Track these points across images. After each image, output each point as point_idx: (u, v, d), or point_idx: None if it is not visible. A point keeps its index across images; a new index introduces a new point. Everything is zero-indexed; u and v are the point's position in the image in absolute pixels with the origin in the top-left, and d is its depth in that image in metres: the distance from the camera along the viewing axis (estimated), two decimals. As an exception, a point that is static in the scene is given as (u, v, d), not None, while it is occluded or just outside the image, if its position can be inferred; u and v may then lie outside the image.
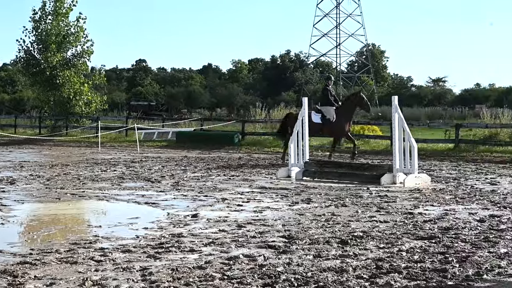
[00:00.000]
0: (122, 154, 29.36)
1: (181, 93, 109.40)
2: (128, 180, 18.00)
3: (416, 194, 14.85)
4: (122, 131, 39.93)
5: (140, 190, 15.69)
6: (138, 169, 21.40)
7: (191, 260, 8.35)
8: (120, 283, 7.20)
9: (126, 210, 12.74)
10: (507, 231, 10.28)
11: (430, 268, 7.82)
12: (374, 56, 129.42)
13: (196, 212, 12.23)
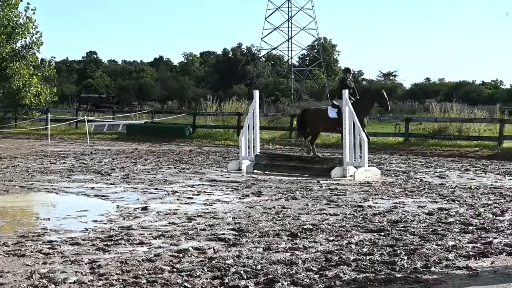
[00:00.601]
0: (72, 146, 29.13)
1: (132, 86, 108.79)
2: (77, 172, 17.85)
3: (366, 187, 14.94)
4: (72, 123, 39.62)
5: (89, 183, 15.57)
6: (88, 161, 21.24)
7: (140, 253, 8.29)
8: (68, 276, 7.12)
9: (75, 203, 12.62)
10: (455, 224, 10.38)
11: (379, 260, 7.86)
12: (325, 50, 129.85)
13: (146, 204, 12.16)
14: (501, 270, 7.53)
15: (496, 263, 7.87)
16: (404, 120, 30.76)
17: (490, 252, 8.36)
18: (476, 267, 7.64)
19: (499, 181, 16.68)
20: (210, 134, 34.89)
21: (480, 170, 19.54)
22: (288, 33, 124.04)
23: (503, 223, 10.46)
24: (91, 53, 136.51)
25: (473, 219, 10.86)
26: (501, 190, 14.61)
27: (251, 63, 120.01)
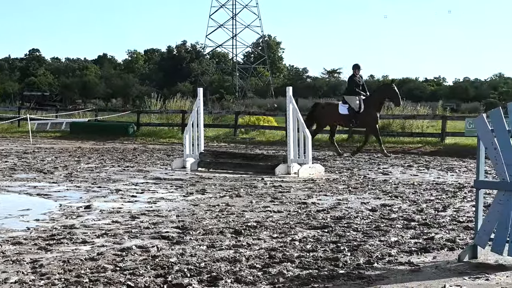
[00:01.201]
0: (14, 145, 28.78)
1: (76, 84, 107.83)
2: (19, 171, 17.64)
3: (310, 184, 15.01)
4: (14, 121, 39.12)
5: (32, 182, 15.38)
6: (31, 160, 21.00)
7: (83, 251, 8.22)
8: (10, 276, 7.02)
9: (17, 202, 12.45)
10: (397, 220, 10.48)
11: (322, 257, 7.89)
12: (270, 47, 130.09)
13: (89, 203, 12.06)
14: (442, 265, 7.62)
15: (438, 258, 7.96)
16: (348, 117, 30.90)
17: (432, 248, 8.45)
18: (418, 263, 7.72)
19: (441, 177, 16.89)
20: (155, 132, 34.78)
21: (423, 166, 19.77)
22: (233, 31, 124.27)
23: (445, 219, 10.59)
24: (34, 50, 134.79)
25: (415, 215, 10.97)
26: (443, 186, 14.79)
27: (196, 61, 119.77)
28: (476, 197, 8.12)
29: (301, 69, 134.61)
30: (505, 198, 7.67)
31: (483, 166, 8.09)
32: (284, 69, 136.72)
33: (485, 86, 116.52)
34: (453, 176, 17.16)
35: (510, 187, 7.63)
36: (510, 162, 7.62)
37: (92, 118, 40.32)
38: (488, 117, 7.97)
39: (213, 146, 27.65)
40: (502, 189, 7.74)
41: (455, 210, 11.49)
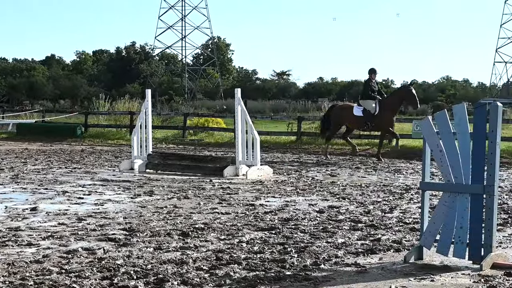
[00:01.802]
0: (-41, 146, 28.35)
1: (23, 84, 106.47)
2: (-36, 173, 17.39)
3: (258, 186, 15.02)
4: (-42, 123, 38.58)
5: (-24, 183, 15.17)
6: (-24, 161, 20.71)
7: (28, 254, 8.12)
8: (-48, 280, 6.92)
9: (-39, 204, 12.27)
10: (345, 221, 10.53)
11: (270, 258, 7.90)
12: (219, 49, 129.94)
13: (35, 205, 11.92)
14: (388, 266, 7.68)
15: (384, 260, 8.02)
16: (297, 119, 31.06)
17: (378, 249, 8.51)
18: (365, 264, 7.77)
19: (388, 178, 17.01)
20: (103, 133, 34.52)
21: (371, 168, 19.90)
22: (182, 32, 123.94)
23: (392, 220, 10.67)
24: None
25: (362, 216, 11.05)
26: (390, 188, 14.90)
27: (145, 62, 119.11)
28: (421, 198, 8.20)
29: (250, 70, 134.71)
30: (450, 200, 7.76)
31: (428, 168, 8.17)
32: (234, 71, 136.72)
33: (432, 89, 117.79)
34: (400, 178, 17.30)
35: (455, 189, 7.72)
36: (455, 164, 7.71)
37: (39, 119, 39.89)
38: (434, 120, 8.06)
39: (162, 148, 27.52)
40: (447, 190, 7.83)
41: (402, 212, 11.59)
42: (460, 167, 7.69)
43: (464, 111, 7.79)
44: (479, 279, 7.15)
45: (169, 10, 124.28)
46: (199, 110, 56.02)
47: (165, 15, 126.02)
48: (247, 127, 17.32)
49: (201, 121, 34.77)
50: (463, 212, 7.68)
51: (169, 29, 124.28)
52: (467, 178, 7.67)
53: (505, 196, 13.64)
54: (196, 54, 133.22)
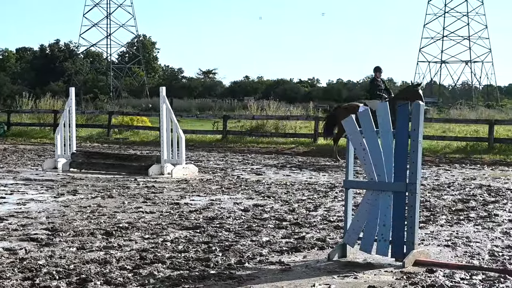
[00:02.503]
0: None
1: None
2: None
3: (183, 185, 14.96)
4: None
5: None
6: None
7: None
8: None
9: None
10: (269, 220, 10.56)
11: (194, 257, 7.87)
12: (145, 47, 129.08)
13: (-46, 205, 11.68)
14: (312, 264, 7.72)
15: (308, 258, 8.06)
16: (222, 118, 31.08)
17: (302, 247, 8.55)
18: (289, 262, 7.79)
19: (313, 177, 17.11)
20: (26, 132, 34.04)
21: (296, 166, 20.00)
22: (107, 30, 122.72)
23: (316, 218, 10.74)
24: None
25: (287, 214, 11.09)
26: (315, 186, 15.00)
27: (69, 60, 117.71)
28: (345, 196, 8.27)
29: (176, 69, 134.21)
30: (373, 198, 7.84)
31: (352, 166, 8.24)
32: (159, 69, 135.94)
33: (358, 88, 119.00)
34: (325, 176, 17.42)
35: (378, 187, 7.80)
36: (378, 162, 7.79)
37: (-40, 117, 39.09)
38: (358, 118, 8.13)
39: (86, 147, 27.24)
40: (370, 188, 7.91)
41: (326, 210, 11.67)
42: (383, 165, 7.77)
43: (386, 110, 7.88)
44: (402, 276, 7.23)
45: (94, 7, 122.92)
46: (124, 108, 55.57)
47: (90, 12, 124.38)
48: (172, 125, 17.25)
49: (126, 119, 34.54)
50: (386, 210, 7.76)
51: (94, 26, 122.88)
52: (389, 176, 7.76)
53: (428, 194, 13.84)
54: (121, 52, 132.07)
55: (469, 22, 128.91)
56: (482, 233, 9.76)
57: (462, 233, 9.72)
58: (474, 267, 7.63)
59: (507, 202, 12.96)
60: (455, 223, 10.55)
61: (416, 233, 7.79)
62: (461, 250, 8.59)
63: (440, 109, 67.70)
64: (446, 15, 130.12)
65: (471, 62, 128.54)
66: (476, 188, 15.01)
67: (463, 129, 33.45)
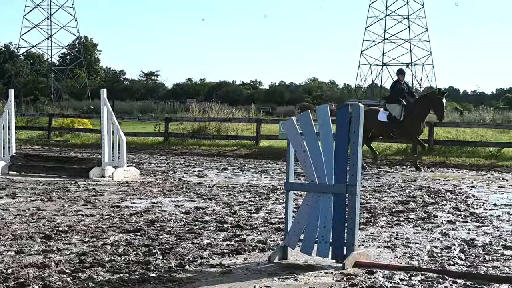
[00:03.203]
0: None
1: None
2: None
3: (124, 188, 14.86)
4: None
5: None
6: None
7: None
8: None
9: None
10: (211, 222, 10.54)
11: (134, 260, 7.82)
12: (86, 49, 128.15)
13: None
14: (253, 267, 7.72)
15: (249, 260, 8.06)
16: (164, 120, 30.96)
17: (243, 249, 8.55)
18: (230, 264, 7.78)
19: (255, 179, 17.14)
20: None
21: (238, 168, 20.00)
22: (48, 31, 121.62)
23: (257, 221, 10.75)
24: None
25: (228, 217, 11.08)
26: (257, 188, 15.01)
27: (9, 62, 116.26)
28: (286, 198, 8.28)
29: (118, 71, 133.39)
30: (314, 200, 7.87)
31: (292, 168, 8.27)
32: (101, 71, 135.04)
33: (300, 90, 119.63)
34: (267, 178, 17.46)
35: (319, 189, 7.83)
36: (319, 164, 7.82)
37: None
38: (298, 120, 8.15)
39: (26, 149, 26.91)
40: (311, 190, 7.93)
41: (268, 212, 11.69)
42: (323, 167, 7.81)
43: (327, 112, 7.92)
44: (342, 277, 7.27)
45: (34, 8, 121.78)
46: (65, 110, 54.94)
47: (30, 13, 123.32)
48: (113, 128, 17.12)
49: (67, 122, 34.22)
50: (326, 212, 7.80)
51: (34, 28, 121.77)
52: (330, 178, 7.80)
53: (369, 196, 13.95)
54: (62, 54, 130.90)
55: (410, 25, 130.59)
56: (422, 234, 9.88)
57: (402, 234, 9.81)
58: (413, 268, 7.71)
59: (446, 203, 13.13)
60: (395, 225, 10.65)
61: (356, 235, 7.84)
62: (400, 251, 8.67)
63: (382, 111, 68.15)
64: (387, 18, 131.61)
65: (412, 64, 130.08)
66: (416, 190, 15.18)
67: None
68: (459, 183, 16.80)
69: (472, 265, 7.95)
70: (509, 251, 8.72)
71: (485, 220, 11.24)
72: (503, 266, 7.93)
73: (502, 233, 10.07)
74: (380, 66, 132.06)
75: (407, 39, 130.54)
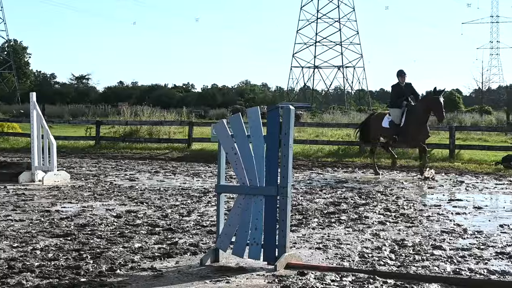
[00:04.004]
0: None
1: None
2: None
3: (54, 192, 14.67)
4: None
5: None
6: None
7: None
8: None
9: None
10: (142, 226, 10.47)
11: (64, 265, 7.73)
12: (16, 52, 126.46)
13: None
14: (185, 270, 7.69)
15: (181, 263, 8.02)
16: (95, 123, 30.67)
17: (175, 253, 8.51)
18: (161, 268, 7.74)
19: (187, 182, 17.09)
20: None
21: (170, 172, 19.90)
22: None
23: (189, 224, 10.72)
24: None
25: (160, 220, 11.03)
26: (189, 191, 14.97)
27: None
28: (217, 201, 8.26)
29: (49, 74, 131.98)
30: (245, 202, 7.87)
31: (224, 171, 8.26)
32: (31, 75, 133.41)
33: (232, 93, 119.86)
34: (199, 181, 17.42)
35: (250, 191, 7.84)
36: (250, 167, 7.83)
37: None
38: (229, 123, 8.14)
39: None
40: (242, 193, 7.94)
41: (200, 215, 11.66)
42: (254, 170, 7.82)
43: (258, 114, 7.93)
44: (274, 279, 7.29)
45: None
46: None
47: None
48: (43, 131, 16.90)
49: (-5, 126, 33.67)
50: (258, 214, 7.81)
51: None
52: (261, 180, 7.81)
53: (300, 198, 14.02)
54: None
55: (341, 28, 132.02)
56: (353, 235, 9.96)
57: (333, 236, 9.88)
58: (344, 268, 7.76)
59: (377, 204, 13.27)
60: (326, 226, 10.72)
61: (288, 237, 7.87)
62: (332, 253, 8.73)
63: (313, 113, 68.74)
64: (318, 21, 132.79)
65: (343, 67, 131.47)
66: (347, 191, 15.31)
67: (335, 133, 34.06)
68: (390, 184, 17.00)
69: (402, 265, 8.05)
70: (439, 251, 8.85)
71: (415, 220, 11.40)
72: (433, 265, 8.04)
73: (432, 233, 10.21)
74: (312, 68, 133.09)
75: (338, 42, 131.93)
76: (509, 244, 9.47)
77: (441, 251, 8.89)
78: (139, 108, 36.30)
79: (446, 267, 7.95)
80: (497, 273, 7.74)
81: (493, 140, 34.97)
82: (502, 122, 56.33)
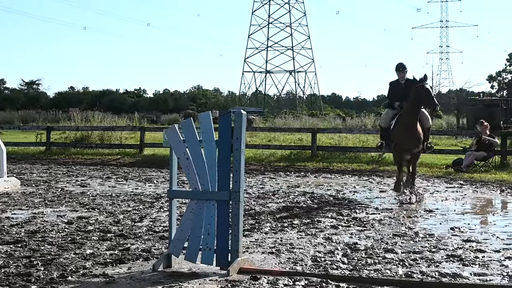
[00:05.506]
0: None
1: None
2: None
3: (4, 198, 14.49)
4: None
5: None
6: None
7: None
8: None
9: None
10: (94, 232, 10.39)
11: (15, 272, 7.64)
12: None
13: None
14: (137, 276, 7.64)
15: (133, 269, 7.98)
16: (46, 129, 30.37)
17: (127, 258, 8.46)
18: (113, 274, 7.69)
19: (139, 187, 17.00)
20: None
21: (122, 177, 19.77)
22: None
23: (141, 229, 10.66)
24: None
25: (112, 226, 10.96)
26: (141, 197, 14.89)
27: None
28: (169, 206, 8.23)
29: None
30: (197, 207, 7.85)
31: (176, 176, 8.23)
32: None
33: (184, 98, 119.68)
34: (151, 186, 17.34)
35: (202, 196, 7.82)
36: (202, 172, 7.81)
37: None
38: (181, 128, 8.12)
39: None
40: (194, 198, 7.92)
41: (152, 220, 11.60)
42: (206, 175, 7.80)
43: (209, 119, 7.92)
44: (226, 284, 7.28)
45: None
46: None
47: None
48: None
49: None
50: (210, 219, 7.80)
51: None
52: (213, 185, 7.80)
53: (253, 202, 14.02)
54: None
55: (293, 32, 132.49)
56: (305, 240, 9.99)
57: (286, 240, 9.90)
58: (297, 273, 7.77)
59: (330, 208, 13.33)
60: (279, 230, 10.74)
61: (241, 241, 7.86)
62: (285, 257, 8.74)
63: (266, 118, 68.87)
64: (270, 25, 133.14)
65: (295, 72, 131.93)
66: (300, 196, 15.35)
67: (288, 138, 34.18)
68: (342, 188, 17.07)
69: (354, 269, 8.09)
70: (391, 254, 8.91)
71: (367, 224, 11.47)
72: (385, 269, 8.09)
73: (384, 237, 10.28)
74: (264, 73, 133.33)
75: (290, 46, 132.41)
76: (459, 246, 9.57)
77: (393, 254, 8.95)
78: (90, 113, 35.97)
79: (398, 270, 8.00)
80: (448, 275, 7.81)
81: (443, 143, 35.34)
82: (452, 125, 57.05)
